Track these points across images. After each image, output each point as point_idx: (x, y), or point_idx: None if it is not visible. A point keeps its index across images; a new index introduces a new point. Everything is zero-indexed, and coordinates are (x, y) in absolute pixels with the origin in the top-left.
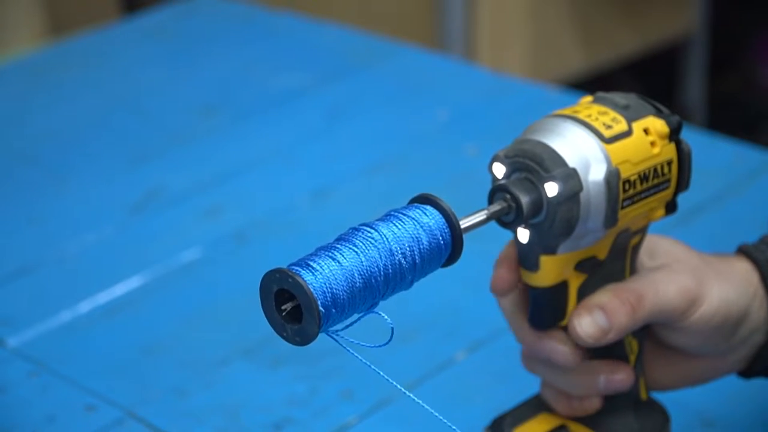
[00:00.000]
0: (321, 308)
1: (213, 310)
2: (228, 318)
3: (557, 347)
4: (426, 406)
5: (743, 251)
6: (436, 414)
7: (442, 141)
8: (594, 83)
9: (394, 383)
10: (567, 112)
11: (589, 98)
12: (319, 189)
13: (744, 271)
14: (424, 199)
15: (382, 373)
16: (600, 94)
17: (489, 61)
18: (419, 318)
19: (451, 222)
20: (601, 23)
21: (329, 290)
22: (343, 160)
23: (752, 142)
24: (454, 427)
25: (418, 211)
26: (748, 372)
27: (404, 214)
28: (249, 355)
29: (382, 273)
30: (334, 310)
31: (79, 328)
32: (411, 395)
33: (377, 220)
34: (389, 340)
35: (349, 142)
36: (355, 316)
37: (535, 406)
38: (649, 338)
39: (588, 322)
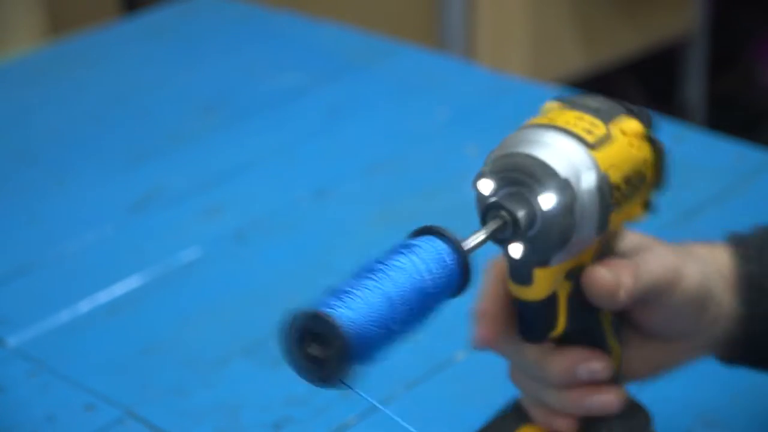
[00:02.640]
0: (353, 349)
1: (213, 310)
2: (228, 318)
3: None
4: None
5: (729, 241)
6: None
7: (442, 141)
8: (594, 83)
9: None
10: (543, 120)
11: (555, 103)
12: (319, 188)
13: (706, 251)
14: (428, 231)
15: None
16: (567, 97)
17: (489, 61)
18: None
19: (460, 252)
20: (601, 23)
21: (360, 329)
22: (343, 160)
23: (752, 142)
24: None
25: (424, 243)
26: (728, 360)
27: (414, 250)
28: (249, 354)
29: (411, 320)
30: (364, 350)
31: (79, 328)
32: (387, 411)
33: (394, 256)
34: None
35: (349, 141)
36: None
37: (515, 418)
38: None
39: (604, 272)
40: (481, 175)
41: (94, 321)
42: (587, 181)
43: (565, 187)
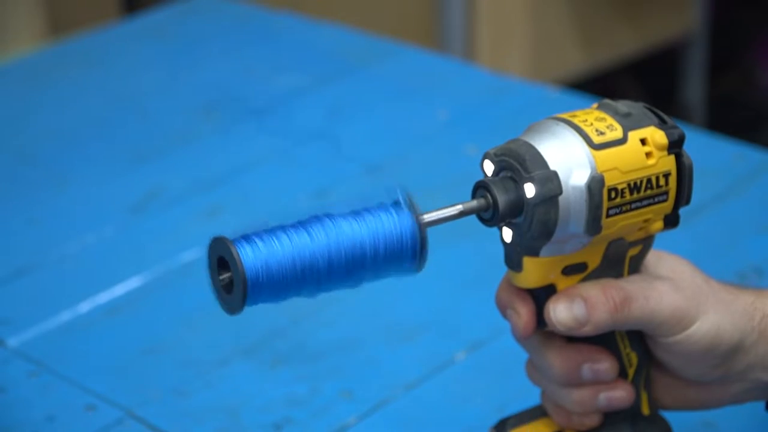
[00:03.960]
0: (249, 286)
1: (213, 310)
2: (228, 318)
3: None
4: None
5: None
6: None
7: (442, 141)
8: (594, 83)
9: None
10: (565, 115)
11: (595, 105)
12: (319, 189)
13: (748, 304)
14: (394, 201)
15: None
16: (605, 101)
17: (489, 61)
18: (419, 318)
19: (415, 219)
20: (601, 23)
21: (262, 270)
22: (343, 160)
23: (752, 142)
24: None
25: (381, 208)
26: None
27: (366, 210)
28: (249, 355)
29: (326, 263)
30: (263, 291)
31: (79, 328)
32: None
33: (340, 213)
34: None
35: (349, 142)
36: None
37: (540, 410)
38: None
39: (563, 309)
40: (485, 157)
41: (95, 322)
42: (578, 177)
43: (551, 178)
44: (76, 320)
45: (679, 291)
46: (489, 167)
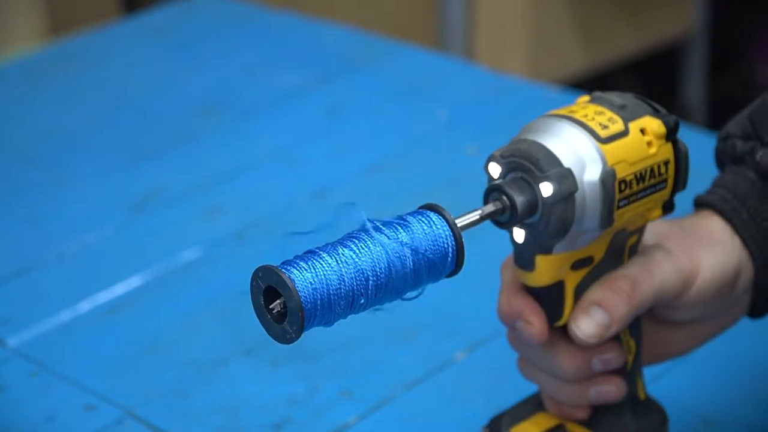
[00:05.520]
0: (306, 312)
1: (213, 310)
2: (228, 318)
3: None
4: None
5: (709, 206)
6: None
7: (442, 141)
8: (594, 83)
9: None
10: (563, 111)
11: (586, 98)
12: (319, 189)
13: (720, 229)
14: (427, 207)
15: None
16: (597, 93)
17: (489, 61)
18: (419, 318)
19: (454, 234)
20: (601, 23)
21: (317, 294)
22: (343, 160)
23: None
24: None
25: (421, 220)
26: (754, 312)
27: (407, 223)
28: (249, 355)
29: (373, 280)
30: (318, 315)
31: (79, 328)
32: None
33: (381, 224)
34: None
35: (349, 142)
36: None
37: (533, 405)
38: (650, 317)
39: (586, 324)
40: (491, 159)
41: (95, 321)
42: (591, 173)
43: (566, 176)
44: (76, 320)
45: (671, 252)
46: (495, 169)
